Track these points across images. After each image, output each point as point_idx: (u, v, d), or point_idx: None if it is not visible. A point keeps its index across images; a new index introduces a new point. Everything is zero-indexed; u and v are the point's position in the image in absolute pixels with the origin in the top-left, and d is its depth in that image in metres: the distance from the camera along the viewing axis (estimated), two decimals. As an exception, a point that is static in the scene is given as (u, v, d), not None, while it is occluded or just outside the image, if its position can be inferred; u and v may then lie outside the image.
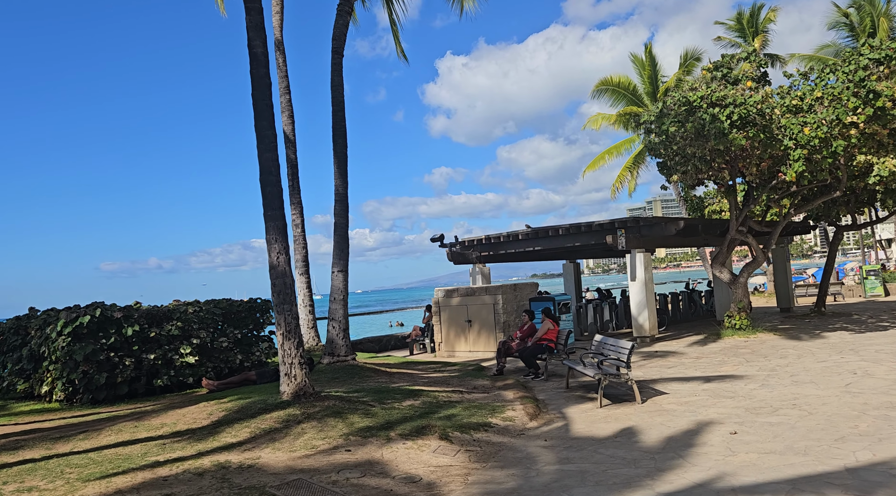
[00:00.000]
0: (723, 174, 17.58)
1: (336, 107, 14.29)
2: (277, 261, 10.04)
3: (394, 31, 17.19)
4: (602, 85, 35.11)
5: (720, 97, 15.71)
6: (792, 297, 26.24)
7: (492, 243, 22.76)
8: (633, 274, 19.41)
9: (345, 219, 14.19)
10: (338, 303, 13.90)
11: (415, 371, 15.02)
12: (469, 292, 18.98)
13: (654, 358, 16.01)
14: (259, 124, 10.21)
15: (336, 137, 14.23)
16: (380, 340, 22.71)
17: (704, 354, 16.05)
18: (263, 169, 10.18)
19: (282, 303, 9.98)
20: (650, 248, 20.01)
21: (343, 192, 14.13)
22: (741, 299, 19.22)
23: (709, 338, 19.02)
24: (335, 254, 14.11)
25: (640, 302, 19.29)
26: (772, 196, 19.50)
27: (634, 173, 36.32)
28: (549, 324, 14.27)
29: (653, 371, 14.08)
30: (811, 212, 23.29)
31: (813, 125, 15.33)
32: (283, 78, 17.88)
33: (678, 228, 19.00)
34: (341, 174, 14.11)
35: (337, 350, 13.77)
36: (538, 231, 21.21)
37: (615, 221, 19.28)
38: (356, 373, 13.15)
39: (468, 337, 18.89)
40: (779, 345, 16.70)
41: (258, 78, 10.24)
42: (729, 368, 13.74)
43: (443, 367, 16.08)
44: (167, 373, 12.49)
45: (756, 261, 19.63)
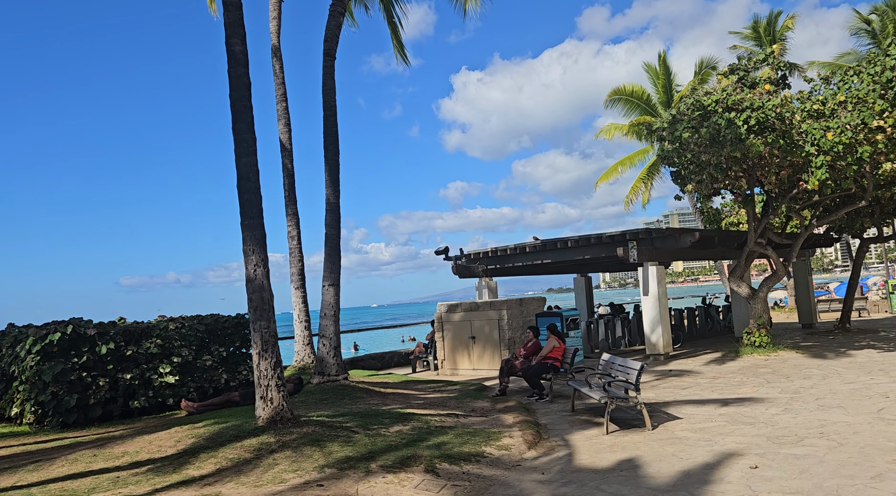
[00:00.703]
0: (740, 183, 16.65)
1: (328, 112, 13.57)
2: (254, 273, 9.27)
3: (394, 33, 16.50)
4: (615, 94, 34.25)
5: (736, 101, 14.82)
6: (814, 313, 25.12)
7: (498, 256, 21.92)
8: (646, 288, 18.47)
9: (336, 230, 13.42)
10: (328, 320, 13.10)
11: (412, 391, 14.16)
12: (472, 307, 18.13)
13: (668, 377, 15.05)
14: (237, 126, 9.50)
15: (327, 144, 13.50)
16: (382, 357, 21.88)
17: (722, 374, 15.06)
18: (241, 174, 9.45)
19: (258, 319, 9.20)
20: (663, 261, 19.07)
21: (335, 202, 13.38)
22: (761, 315, 18.20)
23: (727, 356, 18.00)
24: (326, 267, 13.33)
25: (654, 318, 18.33)
26: (792, 206, 18.51)
27: (649, 185, 35.33)
28: (553, 341, 13.39)
29: (666, 392, 13.13)
30: (834, 223, 22.24)
31: (836, 130, 14.39)
32: (279, 85, 17.24)
33: (693, 240, 18.07)
34: (333, 182, 13.35)
35: (327, 369, 12.95)
36: (546, 243, 20.35)
37: (626, 233, 18.39)
38: (347, 394, 12.32)
39: (472, 354, 18.02)
40: (802, 364, 15.67)
41: (236, 77, 9.54)
42: (748, 390, 12.76)
43: (443, 387, 15.22)
44: (145, 394, 11.73)
45: (776, 274, 18.62)
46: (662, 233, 18.21)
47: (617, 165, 35.35)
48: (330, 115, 13.54)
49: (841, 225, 22.51)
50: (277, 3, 17.81)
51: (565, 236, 19.98)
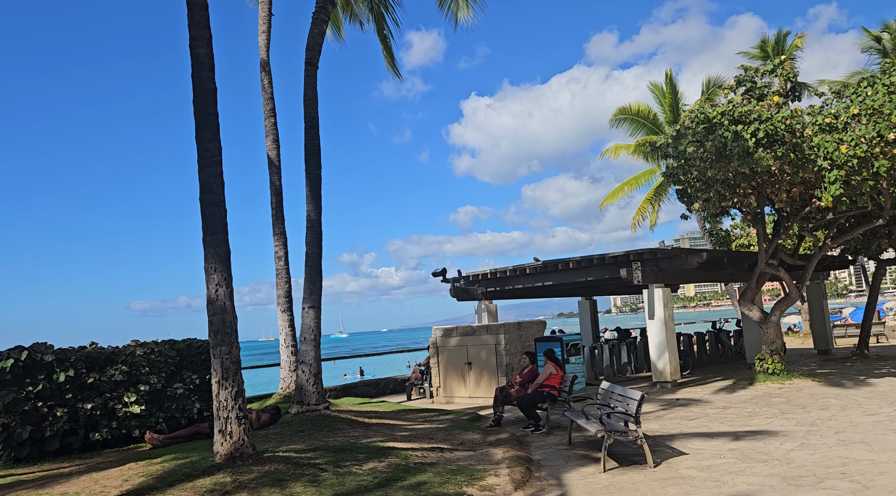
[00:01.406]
0: (749, 200, 15.80)
1: (309, 123, 12.86)
2: (216, 294, 8.48)
3: (385, 45, 15.86)
4: (620, 113, 33.56)
5: (743, 113, 14.04)
6: (830, 338, 24.03)
7: (498, 278, 21.06)
8: (651, 312, 17.55)
9: (318, 248, 12.63)
10: (308, 345, 12.25)
11: (399, 421, 13.26)
12: (469, 331, 17.25)
13: (675, 407, 14.08)
14: (200, 135, 8.78)
15: (308, 157, 12.77)
16: (377, 384, 20.97)
17: (732, 403, 14.08)
18: (203, 186, 8.70)
19: (219, 344, 8.39)
20: (670, 284, 18.17)
21: (316, 219, 12.60)
22: (774, 340, 17.22)
23: (738, 383, 16.99)
24: (306, 288, 12.53)
25: (660, 343, 17.37)
26: (805, 226, 17.61)
27: (656, 206, 34.46)
28: (550, 368, 12.50)
29: (672, 423, 12.17)
30: (849, 244, 21.29)
31: (851, 143, 13.54)
32: (268, 100, 16.60)
33: (700, 261, 17.17)
34: (314, 198, 12.60)
35: (307, 397, 12.08)
36: (547, 265, 19.50)
37: (630, 254, 17.52)
38: (326, 425, 11.44)
39: (468, 381, 17.10)
40: (818, 393, 14.67)
41: (200, 82, 8.84)
42: (761, 421, 11.79)
43: (434, 416, 14.30)
44: (108, 426, 10.89)
45: (789, 297, 17.67)
46: (668, 253, 17.34)
47: (623, 186, 34.55)
48: (311, 127, 12.83)
49: (856, 246, 21.56)
50: (267, 18, 17.27)
51: (567, 257, 19.15)
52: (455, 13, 15.33)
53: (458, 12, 15.24)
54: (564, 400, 12.33)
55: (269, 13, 17.25)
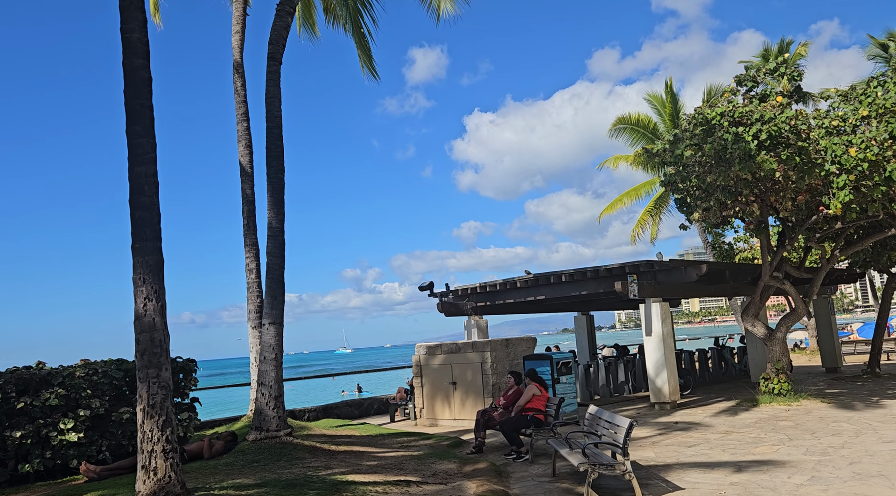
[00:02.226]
0: (751, 209, 14.76)
1: (271, 123, 11.88)
2: (144, 308, 7.46)
3: (361, 43, 14.90)
4: (620, 123, 32.58)
5: (744, 113, 13.03)
6: (839, 356, 22.87)
7: (487, 292, 20.01)
8: (649, 327, 16.46)
9: (280, 259, 11.61)
10: (269, 364, 11.19)
11: (371, 448, 12.17)
12: (453, 349, 16.17)
13: (673, 431, 12.96)
14: (132, 129, 7.81)
15: (270, 160, 11.79)
16: (360, 404, 19.87)
17: (735, 427, 12.96)
18: (134, 187, 7.72)
19: (147, 367, 7.36)
20: (668, 297, 17.10)
21: (278, 227, 11.58)
22: (779, 358, 16.09)
23: (741, 405, 15.85)
24: (266, 302, 11.47)
25: (658, 361, 16.27)
26: (811, 236, 16.54)
27: (656, 218, 33.40)
28: (533, 389, 11.43)
29: (668, 450, 11.06)
30: (857, 257, 20.19)
31: (861, 145, 12.52)
32: (241, 103, 15.66)
33: (700, 274, 16.10)
34: (276, 204, 11.58)
35: (266, 423, 11.00)
36: (539, 278, 18.45)
37: (626, 266, 16.47)
38: (285, 455, 10.35)
39: (452, 403, 16.00)
40: (828, 415, 13.54)
41: (132, 71, 7.88)
42: (766, 449, 10.68)
43: (413, 442, 13.21)
44: (41, 455, 9.83)
45: (795, 312, 16.56)
46: (665, 265, 16.28)
47: (622, 197, 33.51)
48: (274, 127, 11.85)
49: (865, 258, 20.46)
50: (241, 17, 16.37)
51: (559, 270, 18.10)
52: (437, 7, 14.39)
53: (441, 5, 14.29)
54: (552, 424, 11.23)
55: (243, 13, 16.37)
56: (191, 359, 11.74)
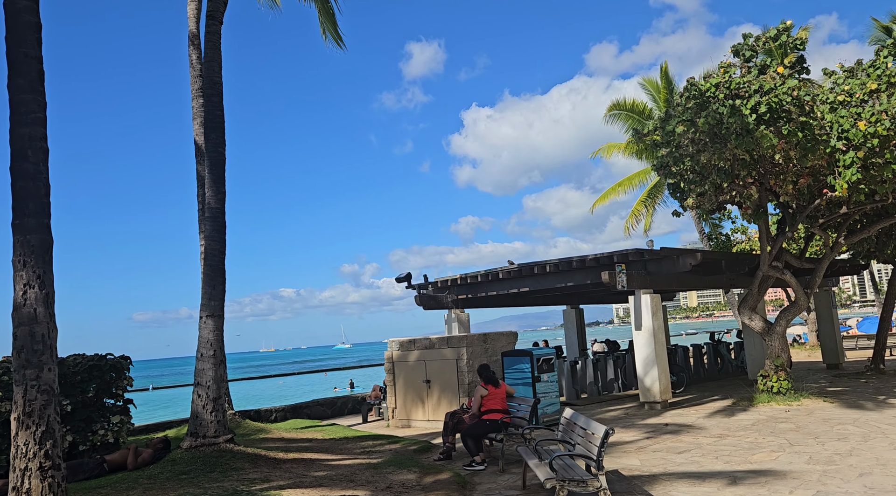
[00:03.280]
0: (749, 191, 13.58)
1: (210, 90, 10.63)
2: (24, 297, 6.27)
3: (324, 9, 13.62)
4: (615, 108, 31.32)
5: (742, 84, 11.83)
6: (840, 351, 21.71)
7: (469, 284, 18.83)
8: (638, 321, 15.29)
9: (220, 244, 10.37)
10: (206, 362, 9.97)
11: (327, 455, 10.99)
12: (428, 345, 14.99)
13: (662, 435, 11.80)
14: (14, 83, 6.60)
15: (208, 131, 10.53)
16: (333, 403, 18.68)
17: (730, 430, 11.80)
18: (16, 152, 6.51)
19: (24, 367, 6.17)
20: (660, 289, 15.93)
21: (217, 207, 10.34)
22: (778, 354, 14.94)
23: (738, 404, 14.70)
24: (204, 293, 10.24)
25: (648, 357, 15.09)
26: (814, 223, 15.37)
27: (651, 209, 32.18)
28: (481, 390, 10.25)
29: (655, 458, 9.90)
30: (861, 247, 19.03)
31: (870, 119, 11.33)
32: (196, 77, 14.40)
33: (694, 263, 14.92)
34: (215, 181, 10.33)
35: (203, 428, 9.79)
36: (522, 269, 17.26)
37: (614, 255, 15.28)
38: (221, 464, 9.16)
39: (426, 402, 14.82)
40: (833, 417, 12.39)
41: (14, 13, 6.66)
42: (764, 457, 9.52)
43: (377, 446, 12.04)
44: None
45: (796, 305, 15.40)
46: (657, 254, 15.09)
47: (615, 187, 32.31)
48: (213, 95, 10.59)
49: (869, 249, 19.30)
50: (198, -15, 15.11)
51: (542, 260, 16.91)
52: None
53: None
54: (522, 429, 10.05)
55: (200, -20, 15.10)
56: (124, 357, 10.53)
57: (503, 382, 10.82)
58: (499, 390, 10.43)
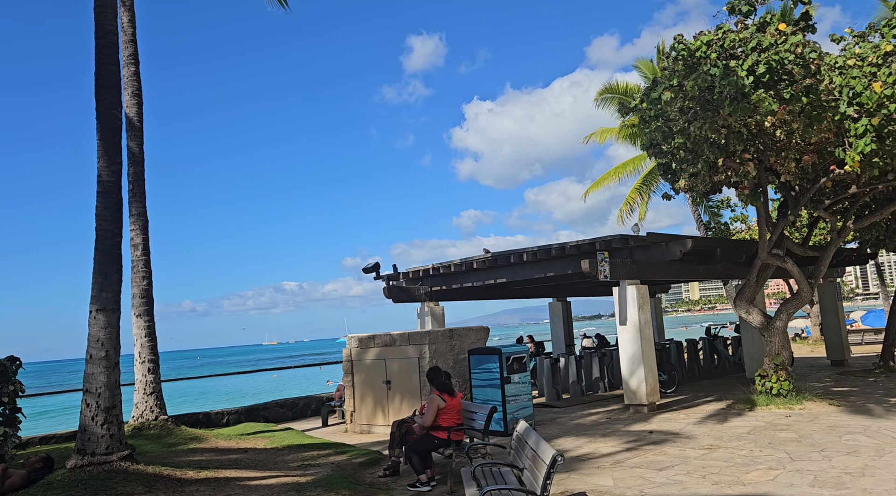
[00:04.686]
0: (746, 168, 12.00)
1: (102, 40, 8.98)
2: None
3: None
4: (606, 92, 29.69)
5: (737, 42, 10.26)
6: (846, 347, 20.17)
7: (441, 275, 17.30)
8: (623, 315, 13.75)
9: (114, 224, 8.80)
10: (97, 365, 8.43)
11: (250, 472, 9.48)
12: (388, 341, 13.47)
13: (644, 446, 10.27)
14: None
15: (100, 89, 8.93)
16: (294, 405, 17.16)
17: (723, 440, 10.28)
18: None
19: None
20: (648, 279, 14.38)
21: (110, 181, 8.75)
22: (779, 352, 13.41)
23: (732, 408, 13.18)
24: (95, 282, 8.66)
25: (633, 356, 13.56)
26: (819, 205, 13.81)
27: (646, 197, 30.59)
28: (437, 400, 8.72)
29: (632, 476, 8.38)
30: (868, 235, 17.45)
31: (888, 79, 9.75)
32: (128, 43, 12.84)
33: (684, 250, 13.37)
34: (108, 150, 8.73)
35: (92, 444, 8.25)
36: (498, 258, 15.72)
37: (596, 241, 13.74)
38: (107, 488, 7.63)
39: (387, 406, 13.31)
40: (840, 424, 10.85)
41: None
42: (760, 475, 8.00)
43: (320, 458, 10.55)
44: None
45: (799, 296, 13.86)
46: (643, 241, 13.54)
47: (609, 174, 30.72)
48: (105, 46, 8.98)
49: (878, 236, 17.72)
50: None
51: (520, 248, 15.38)
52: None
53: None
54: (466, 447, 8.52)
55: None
56: (11, 358, 8.99)
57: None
58: (455, 401, 8.90)
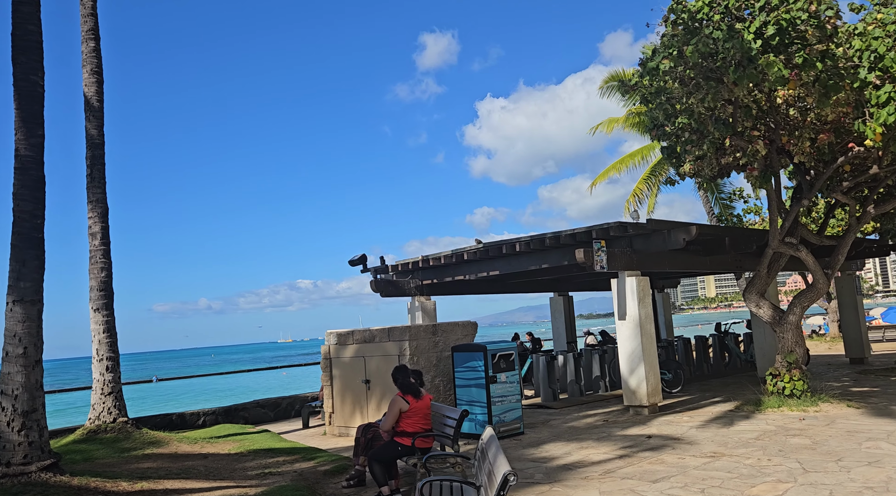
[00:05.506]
0: (755, 147, 10.92)
1: (17, -5, 8.05)
2: None
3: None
4: (612, 79, 28.48)
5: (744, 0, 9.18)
6: (866, 344, 18.99)
7: (431, 267, 16.31)
8: (622, 309, 12.71)
9: (34, 204, 7.84)
10: (13, 364, 7.46)
11: (199, 482, 8.55)
12: (368, 337, 12.52)
13: (640, 452, 9.23)
14: None
15: (18, 53, 7.91)
16: (276, 404, 16.24)
17: (728, 446, 9.22)
18: None
19: None
20: (649, 271, 13.33)
21: (30, 155, 7.77)
22: (792, 349, 12.31)
23: (741, 410, 12.10)
24: (12, 270, 7.67)
25: (633, 353, 12.51)
26: (836, 186, 12.68)
27: (654, 188, 29.40)
28: (399, 403, 7.76)
29: (622, 488, 7.37)
30: (889, 224, 16.25)
31: (913, 40, 8.64)
32: (87, 16, 11.91)
33: (688, 238, 12.29)
34: (26, 120, 7.72)
35: (8, 453, 7.27)
36: (490, 248, 14.71)
37: (593, 230, 12.69)
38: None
39: (366, 406, 12.35)
40: (859, 428, 9.76)
41: None
42: (768, 489, 6.97)
43: (285, 465, 9.63)
44: None
45: (814, 288, 12.74)
46: (643, 228, 12.48)
47: (616, 164, 29.53)
48: (22, 3, 7.97)
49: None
50: None
51: (512, 238, 14.35)
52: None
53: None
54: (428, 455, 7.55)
55: None
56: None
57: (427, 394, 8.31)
58: (420, 404, 7.92)
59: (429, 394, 8.30)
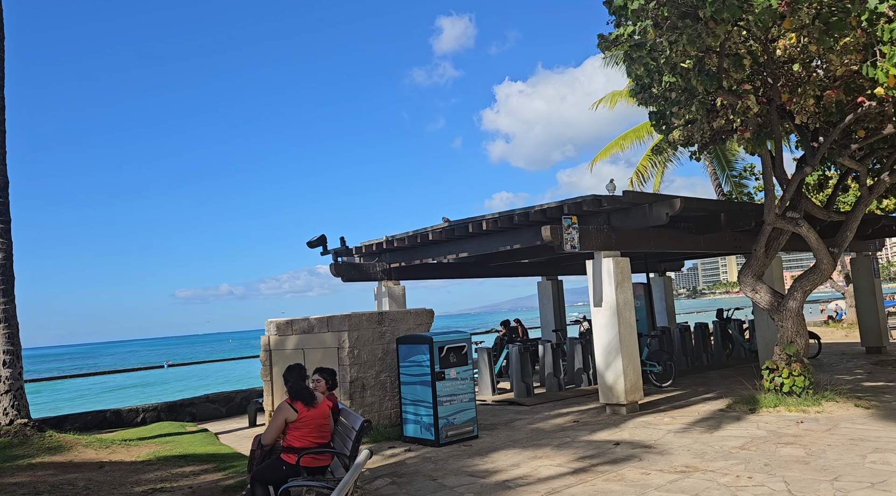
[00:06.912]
0: (746, 102, 9.28)
1: None
2: None
3: None
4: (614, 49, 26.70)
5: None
6: (885, 332, 17.23)
7: (396, 248, 14.82)
8: (598, 294, 11.14)
9: None
10: None
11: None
12: (307, 328, 11.09)
13: (600, 466, 7.70)
14: None
15: None
16: (230, 399, 14.87)
17: (705, 457, 7.67)
18: None
19: None
20: (630, 250, 11.73)
21: None
22: (791, 339, 10.69)
23: (731, 409, 10.52)
24: None
25: (609, 344, 10.95)
26: (844, 150, 10.97)
27: (661, 166, 27.66)
28: (284, 411, 6.31)
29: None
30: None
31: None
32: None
33: (671, 213, 10.66)
34: None
35: None
36: (455, 228, 13.18)
37: (564, 204, 11.11)
38: None
39: (305, 404, 10.92)
40: (865, 435, 8.16)
41: None
42: (738, 526, 5.42)
43: (186, 477, 8.26)
44: None
45: (818, 269, 11.07)
46: (619, 202, 10.87)
47: (619, 140, 27.78)
48: None
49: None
50: None
51: (479, 216, 12.80)
52: None
53: None
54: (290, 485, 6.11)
55: None
56: None
57: (328, 397, 6.85)
58: (313, 412, 6.44)
59: (329, 400, 6.83)
